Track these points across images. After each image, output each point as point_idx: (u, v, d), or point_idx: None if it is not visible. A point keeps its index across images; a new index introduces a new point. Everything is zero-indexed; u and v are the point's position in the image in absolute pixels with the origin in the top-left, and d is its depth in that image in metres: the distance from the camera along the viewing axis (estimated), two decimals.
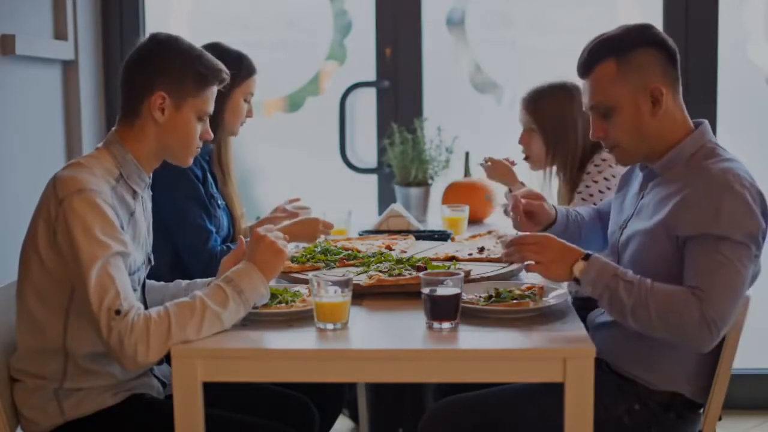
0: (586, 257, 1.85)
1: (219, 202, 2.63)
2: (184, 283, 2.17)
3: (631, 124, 1.93)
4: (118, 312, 1.73)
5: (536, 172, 2.77)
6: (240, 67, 2.58)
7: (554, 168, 2.70)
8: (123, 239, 1.82)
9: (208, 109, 1.98)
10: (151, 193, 2.06)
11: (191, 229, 2.49)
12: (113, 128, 1.97)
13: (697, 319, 1.75)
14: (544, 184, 2.72)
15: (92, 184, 1.81)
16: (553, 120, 2.66)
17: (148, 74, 1.91)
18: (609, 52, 1.94)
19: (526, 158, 2.77)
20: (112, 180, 1.89)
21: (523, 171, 2.88)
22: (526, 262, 1.92)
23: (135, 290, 1.92)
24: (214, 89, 1.99)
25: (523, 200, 2.23)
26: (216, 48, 2.47)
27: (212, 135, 2.03)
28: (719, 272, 1.77)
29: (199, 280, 2.17)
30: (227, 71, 2.01)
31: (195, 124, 1.96)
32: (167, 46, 1.94)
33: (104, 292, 1.74)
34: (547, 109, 2.67)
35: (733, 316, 1.80)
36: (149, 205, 2.06)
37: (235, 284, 1.82)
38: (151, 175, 2.00)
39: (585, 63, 1.98)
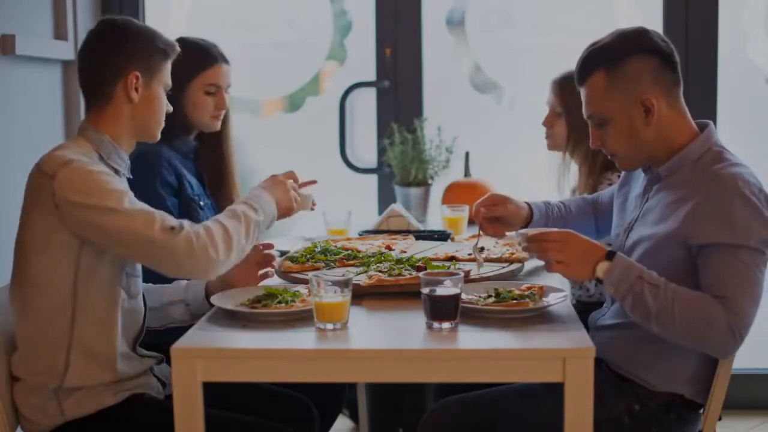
0: (610, 256, 1.83)
1: (201, 203, 2.52)
2: (183, 283, 2.17)
3: (625, 134, 1.93)
4: (172, 228, 1.78)
5: (552, 161, 2.71)
6: (193, 58, 2.45)
7: (574, 159, 2.62)
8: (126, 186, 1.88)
9: (169, 81, 2.04)
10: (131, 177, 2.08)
11: None
12: (83, 118, 1.99)
13: (724, 327, 1.75)
14: (561, 170, 2.66)
15: (75, 155, 1.84)
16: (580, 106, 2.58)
17: (119, 58, 1.94)
18: (599, 63, 1.93)
19: (547, 137, 2.71)
20: (94, 159, 1.91)
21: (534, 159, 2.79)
22: (546, 261, 1.88)
23: (138, 276, 1.98)
24: (170, 63, 2.04)
25: (483, 209, 2.21)
26: (180, 42, 2.36)
27: (170, 107, 2.06)
28: (741, 280, 1.77)
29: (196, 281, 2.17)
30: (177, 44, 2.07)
31: (164, 97, 2.02)
32: (129, 29, 1.98)
33: (150, 219, 1.78)
34: (576, 93, 2.59)
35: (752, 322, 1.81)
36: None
37: (257, 202, 1.95)
38: (128, 155, 2.01)
39: (578, 74, 1.99)
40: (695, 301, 1.78)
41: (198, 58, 2.49)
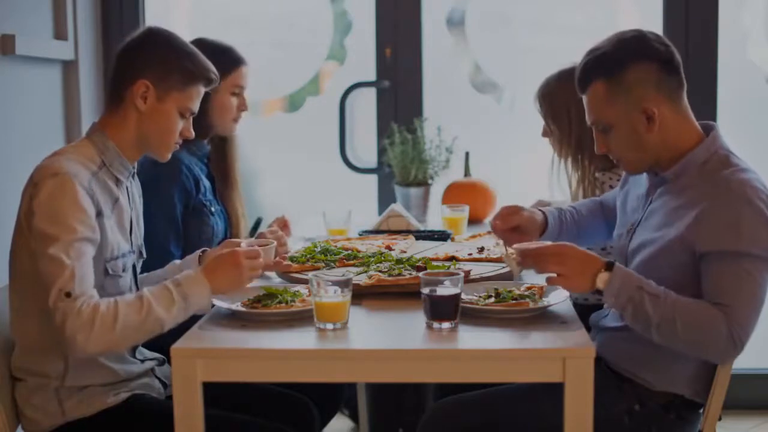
0: (609, 267, 1.81)
1: (212, 208, 2.53)
2: (178, 262, 2.17)
3: (628, 140, 1.92)
4: (68, 294, 1.72)
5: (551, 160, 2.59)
6: (221, 61, 2.39)
7: (567, 165, 2.49)
8: (93, 225, 1.81)
9: (191, 107, 1.98)
10: (139, 184, 2.07)
11: (154, 248, 2.27)
12: (96, 120, 1.99)
13: (724, 335, 1.75)
14: (552, 173, 2.54)
15: (67, 167, 1.82)
16: (562, 111, 2.44)
17: (134, 62, 1.94)
18: (599, 72, 1.91)
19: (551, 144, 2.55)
20: (93, 166, 1.90)
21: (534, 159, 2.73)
22: (546, 275, 1.85)
23: (120, 276, 1.92)
24: (201, 89, 2.00)
25: (498, 222, 2.18)
26: (199, 43, 2.35)
27: (193, 134, 2.02)
28: (743, 288, 1.77)
29: (189, 256, 2.15)
30: (216, 73, 2.02)
31: (176, 119, 1.97)
32: (158, 38, 1.96)
33: (60, 272, 1.73)
34: (555, 99, 2.45)
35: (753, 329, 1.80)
36: (137, 197, 2.06)
37: (183, 290, 1.80)
38: (135, 164, 2.01)
39: (579, 81, 1.97)
40: (696, 311, 1.77)
41: (225, 60, 2.49)
